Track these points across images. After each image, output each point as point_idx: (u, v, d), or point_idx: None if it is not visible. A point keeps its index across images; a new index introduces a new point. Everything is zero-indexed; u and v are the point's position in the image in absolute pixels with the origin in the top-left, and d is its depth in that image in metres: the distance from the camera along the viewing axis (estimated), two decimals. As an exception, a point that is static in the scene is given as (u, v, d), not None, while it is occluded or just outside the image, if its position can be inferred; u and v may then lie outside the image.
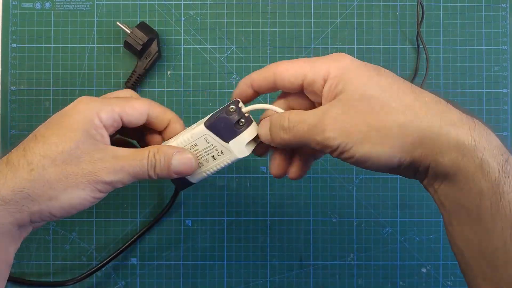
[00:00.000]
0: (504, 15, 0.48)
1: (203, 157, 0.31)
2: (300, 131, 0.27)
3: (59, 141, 0.27)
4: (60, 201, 0.27)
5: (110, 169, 0.27)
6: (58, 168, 0.27)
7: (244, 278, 0.47)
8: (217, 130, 0.29)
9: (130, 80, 0.45)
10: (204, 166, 0.31)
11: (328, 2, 0.47)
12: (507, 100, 0.47)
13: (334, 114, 0.26)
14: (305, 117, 0.27)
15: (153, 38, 0.44)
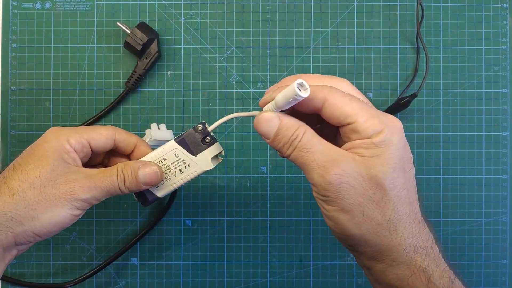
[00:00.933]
0: (504, 15, 0.48)
1: (171, 170, 0.33)
2: (303, 159, 0.27)
3: (35, 167, 0.29)
4: (41, 220, 0.29)
5: (85, 187, 0.30)
6: (37, 191, 0.29)
7: (244, 278, 0.47)
8: (185, 144, 0.33)
9: (130, 80, 0.45)
10: (172, 179, 0.33)
11: (328, 2, 0.47)
12: (507, 100, 0.47)
13: (345, 168, 0.26)
14: (317, 149, 0.27)
15: (153, 38, 0.44)
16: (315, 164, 0.26)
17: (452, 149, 0.47)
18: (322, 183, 0.26)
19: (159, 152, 0.33)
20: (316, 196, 0.28)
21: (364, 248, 0.27)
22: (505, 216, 0.47)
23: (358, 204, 0.26)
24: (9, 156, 0.46)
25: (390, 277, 0.27)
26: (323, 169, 0.26)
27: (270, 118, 0.28)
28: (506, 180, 0.47)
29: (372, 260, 0.28)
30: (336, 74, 0.47)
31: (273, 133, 0.28)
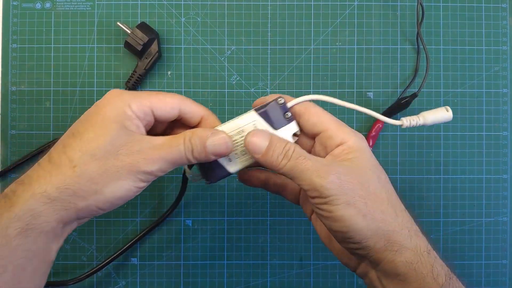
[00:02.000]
0: (504, 15, 0.48)
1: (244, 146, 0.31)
2: (301, 166, 0.28)
3: (96, 136, 0.27)
4: (105, 194, 0.27)
5: (148, 160, 0.27)
6: (99, 163, 0.27)
7: (244, 278, 0.47)
8: (267, 117, 0.30)
9: (130, 80, 0.45)
10: (247, 154, 0.31)
11: (328, 2, 0.47)
12: (507, 100, 0.47)
13: (339, 170, 0.28)
14: (310, 157, 0.28)
15: (153, 38, 0.44)
16: (313, 169, 0.28)
17: (452, 149, 0.47)
18: (324, 184, 0.27)
19: (236, 123, 0.30)
20: (317, 202, 0.28)
21: (373, 240, 0.27)
22: (505, 216, 0.47)
23: (360, 196, 0.27)
24: (9, 156, 0.46)
25: (399, 265, 0.27)
26: (321, 171, 0.27)
27: (261, 133, 0.29)
28: (506, 180, 0.47)
29: (381, 252, 0.28)
30: (336, 74, 0.47)
31: (264, 147, 0.28)
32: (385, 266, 0.28)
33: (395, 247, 0.28)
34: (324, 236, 0.33)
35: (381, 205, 0.28)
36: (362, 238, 0.27)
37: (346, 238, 0.28)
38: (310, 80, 0.47)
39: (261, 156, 0.28)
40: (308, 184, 0.27)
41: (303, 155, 0.28)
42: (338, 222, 0.27)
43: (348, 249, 0.30)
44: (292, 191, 0.34)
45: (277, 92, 0.47)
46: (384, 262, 0.28)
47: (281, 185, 0.34)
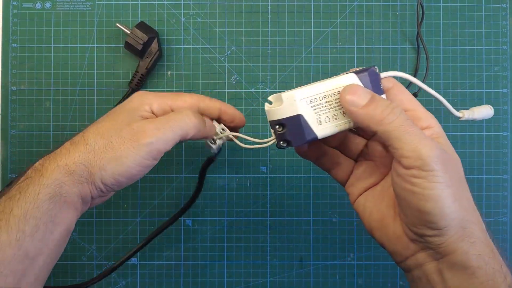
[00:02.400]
0: (504, 15, 0.48)
1: (337, 110, 0.28)
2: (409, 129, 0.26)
3: (109, 120, 0.31)
4: (107, 170, 0.29)
5: (147, 131, 0.29)
6: (104, 140, 0.29)
7: (244, 278, 0.47)
8: (366, 82, 0.28)
9: (133, 80, 0.45)
10: (339, 119, 0.28)
11: (328, 2, 0.47)
12: (507, 100, 0.47)
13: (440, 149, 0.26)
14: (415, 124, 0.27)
15: (153, 37, 0.44)
16: (421, 137, 0.25)
17: (452, 149, 0.47)
18: (431, 155, 0.25)
19: (332, 83, 0.28)
20: (414, 174, 0.25)
21: (455, 228, 0.26)
22: (505, 216, 0.47)
23: (455, 180, 0.26)
24: (9, 156, 0.46)
25: (472, 258, 0.26)
26: (428, 142, 0.25)
27: (362, 88, 0.27)
28: (507, 180, 0.47)
29: (457, 242, 0.26)
30: (336, 74, 0.47)
31: (366, 99, 0.26)
32: (457, 257, 0.26)
33: (472, 238, 0.26)
34: (374, 219, 0.30)
35: (466, 196, 0.27)
36: (447, 225, 0.25)
37: (428, 221, 0.26)
38: (310, 80, 0.47)
39: (362, 108, 0.26)
40: (412, 150, 0.25)
41: (411, 120, 0.26)
42: (430, 202, 0.25)
43: (418, 235, 0.27)
44: (344, 171, 0.32)
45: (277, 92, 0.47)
46: (456, 253, 0.26)
47: (335, 162, 0.32)
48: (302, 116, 0.28)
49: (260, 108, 0.47)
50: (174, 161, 0.47)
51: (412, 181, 0.25)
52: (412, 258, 0.28)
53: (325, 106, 0.28)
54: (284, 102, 0.28)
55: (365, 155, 0.32)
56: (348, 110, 0.27)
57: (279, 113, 0.28)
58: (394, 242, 0.28)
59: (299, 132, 0.28)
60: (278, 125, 0.28)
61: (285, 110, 0.28)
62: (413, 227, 0.27)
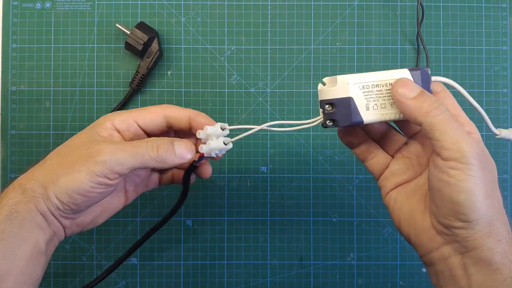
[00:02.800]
0: (504, 15, 0.48)
1: (386, 99, 0.30)
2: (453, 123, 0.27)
3: (71, 140, 0.31)
4: (60, 184, 0.28)
5: (104, 150, 0.29)
6: (61, 157, 0.30)
7: (244, 278, 0.47)
8: (417, 80, 0.29)
9: (134, 81, 0.45)
10: (387, 109, 0.30)
11: (328, 2, 0.47)
12: (507, 100, 0.47)
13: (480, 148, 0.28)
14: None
15: (153, 37, 0.44)
16: (463, 132, 0.27)
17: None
18: (470, 150, 0.26)
19: (387, 75, 0.30)
20: (452, 165, 0.27)
21: (483, 224, 0.27)
22: (505, 216, 0.47)
23: (488, 179, 0.27)
24: (9, 156, 0.46)
25: (496, 255, 0.27)
26: (468, 139, 0.27)
27: (414, 83, 0.29)
28: (507, 180, 0.47)
29: (484, 238, 0.27)
30: (336, 74, 0.47)
31: (417, 92, 0.28)
32: (482, 253, 0.27)
33: (499, 236, 0.27)
34: (404, 212, 0.31)
35: (498, 195, 0.28)
36: (476, 218, 0.26)
37: (458, 213, 0.27)
38: (310, 80, 0.47)
39: (412, 99, 0.28)
40: (453, 143, 0.26)
41: (453, 117, 0.28)
42: (462, 194, 0.26)
43: (446, 226, 0.28)
44: (380, 164, 0.33)
45: (277, 92, 0.47)
46: (482, 248, 0.27)
47: (374, 154, 0.34)
48: (353, 99, 0.29)
49: (260, 108, 0.47)
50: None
51: (449, 172, 0.27)
52: (437, 251, 0.29)
53: (375, 94, 0.30)
54: (338, 83, 0.29)
55: (403, 153, 0.33)
56: (398, 100, 0.28)
57: (332, 93, 0.30)
58: (421, 234, 0.29)
59: (347, 113, 0.29)
60: (328, 105, 0.30)
61: (338, 91, 0.29)
62: (443, 219, 0.28)
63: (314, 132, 0.47)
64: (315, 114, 0.32)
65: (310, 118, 0.32)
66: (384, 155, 0.33)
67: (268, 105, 0.47)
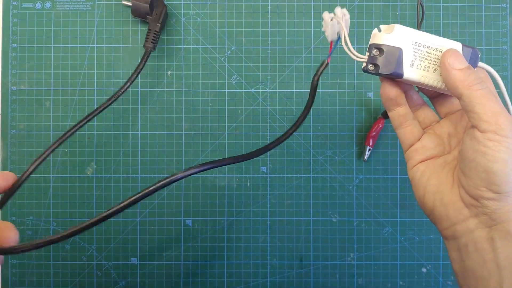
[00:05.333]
0: (504, 15, 0.48)
1: (431, 63, 0.30)
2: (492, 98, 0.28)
3: None
4: None
5: None
6: None
7: (244, 278, 0.47)
8: (467, 56, 0.30)
9: (147, 39, 0.44)
10: (429, 72, 0.30)
11: (328, 2, 0.47)
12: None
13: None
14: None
15: None
16: (501, 106, 0.28)
17: (452, 149, 0.47)
18: (509, 125, 0.27)
19: (441, 41, 0.30)
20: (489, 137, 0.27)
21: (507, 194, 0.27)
22: (505, 216, 0.47)
23: None
24: (9, 156, 0.46)
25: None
26: (505, 112, 0.28)
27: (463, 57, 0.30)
28: (506, 180, 0.47)
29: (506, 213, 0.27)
30: (336, 74, 0.47)
31: (465, 64, 0.29)
32: (510, 226, 0.27)
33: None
34: (432, 184, 0.32)
35: None
36: (508, 191, 0.27)
37: (491, 183, 0.27)
38: (310, 80, 0.47)
39: (459, 70, 0.28)
40: (492, 115, 0.27)
41: (493, 93, 0.28)
42: (498, 164, 0.27)
43: (476, 197, 0.28)
44: (413, 134, 0.34)
45: (277, 92, 0.47)
46: (511, 222, 0.27)
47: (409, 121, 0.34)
48: (402, 51, 0.30)
49: (260, 108, 0.47)
50: (174, 161, 0.47)
51: (486, 143, 0.27)
52: (463, 224, 0.29)
53: (424, 54, 0.30)
54: (394, 31, 0.30)
55: (435, 130, 0.34)
56: (446, 68, 0.29)
57: (384, 39, 0.30)
58: (448, 206, 0.30)
59: (391, 62, 0.30)
60: (376, 49, 0.30)
61: (391, 39, 0.30)
62: (474, 189, 0.28)
63: (314, 132, 0.47)
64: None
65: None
66: (418, 127, 0.34)
67: (268, 105, 0.47)
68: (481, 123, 0.27)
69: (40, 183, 0.46)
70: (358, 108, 0.47)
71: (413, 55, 0.30)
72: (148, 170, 0.46)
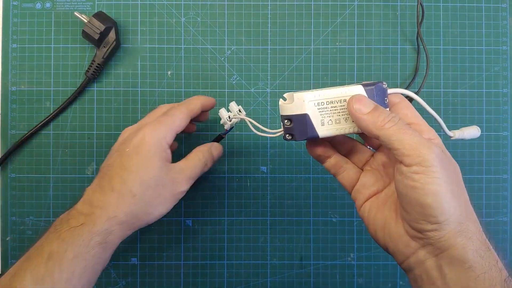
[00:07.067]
0: (504, 15, 0.48)
1: (340, 115, 0.31)
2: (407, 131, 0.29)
3: (146, 170, 0.34)
4: (155, 214, 0.35)
5: (183, 182, 0.36)
6: (152, 191, 0.34)
7: (244, 278, 0.47)
8: (371, 95, 0.31)
9: (89, 69, 0.45)
10: (341, 124, 0.31)
11: (328, 2, 0.47)
12: (507, 100, 0.47)
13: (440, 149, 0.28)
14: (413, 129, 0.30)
15: (110, 27, 0.44)
16: (419, 138, 0.28)
17: (453, 149, 0.47)
18: (429, 153, 0.27)
19: (340, 91, 0.31)
20: (414, 170, 0.27)
21: (453, 223, 0.27)
22: (505, 216, 0.47)
23: (453, 178, 0.28)
24: (9, 156, 0.46)
25: (469, 252, 0.27)
26: (426, 143, 0.28)
27: (368, 99, 0.30)
28: (507, 180, 0.47)
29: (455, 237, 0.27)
30: (336, 74, 0.47)
31: (371, 107, 0.30)
32: (454, 252, 0.27)
33: (469, 234, 0.28)
34: (378, 222, 0.32)
35: (464, 195, 0.29)
36: (446, 219, 0.27)
37: (428, 216, 0.27)
38: (310, 80, 0.47)
39: (367, 114, 0.29)
40: (412, 149, 0.27)
41: (407, 125, 0.29)
42: (429, 196, 0.27)
43: (418, 230, 0.28)
44: (351, 177, 0.35)
45: (277, 92, 0.47)
46: (454, 247, 0.27)
47: (343, 168, 0.35)
48: (308, 116, 0.31)
49: (260, 108, 0.47)
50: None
51: (413, 177, 0.27)
52: (413, 256, 0.29)
53: (330, 110, 0.31)
54: (294, 101, 0.31)
55: (371, 165, 0.34)
56: (354, 116, 0.30)
57: (289, 109, 0.31)
58: (396, 241, 0.30)
59: (303, 129, 0.31)
60: (287, 120, 0.32)
61: (295, 108, 0.31)
62: (414, 223, 0.28)
63: (314, 132, 0.47)
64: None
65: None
66: (354, 168, 0.35)
67: (268, 105, 0.47)
68: (404, 158, 0.28)
69: (40, 183, 0.46)
70: (358, 108, 0.47)
71: (320, 114, 0.31)
72: (148, 170, 0.46)
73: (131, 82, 0.47)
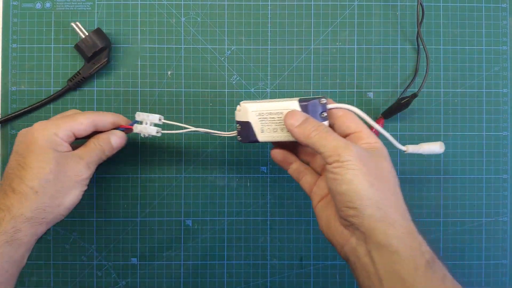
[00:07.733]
0: (504, 15, 0.48)
1: (278, 125, 0.36)
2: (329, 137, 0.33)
3: (42, 166, 0.34)
4: (65, 204, 0.36)
5: (84, 169, 0.37)
6: (54, 183, 0.35)
7: (244, 278, 0.47)
8: (306, 110, 0.35)
9: (73, 79, 0.45)
10: (278, 133, 0.36)
11: (328, 2, 0.47)
12: (507, 100, 0.47)
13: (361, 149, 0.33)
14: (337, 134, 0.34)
15: (104, 48, 0.45)
16: (339, 139, 0.32)
17: (453, 149, 0.47)
18: (346, 150, 0.31)
19: (278, 105, 0.36)
20: (335, 165, 0.31)
21: (372, 209, 0.30)
22: (505, 216, 0.47)
23: (373, 172, 0.31)
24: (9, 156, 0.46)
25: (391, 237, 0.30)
26: (345, 143, 0.32)
27: (301, 112, 0.35)
28: (506, 180, 0.47)
29: (376, 222, 0.31)
30: (336, 74, 0.47)
31: (302, 120, 0.34)
32: (378, 237, 0.30)
33: (390, 220, 0.31)
34: (324, 220, 0.36)
35: (388, 188, 0.32)
36: (362, 204, 0.30)
37: (346, 201, 0.31)
38: (310, 80, 0.47)
39: (297, 126, 0.34)
40: (331, 150, 0.32)
41: (331, 131, 0.33)
42: (345, 185, 0.31)
43: (344, 218, 0.32)
44: (309, 182, 0.39)
45: (278, 92, 0.47)
46: (377, 232, 0.30)
47: (303, 173, 0.39)
48: (250, 123, 0.37)
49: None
50: (174, 161, 0.47)
51: (333, 171, 0.31)
52: (347, 244, 0.33)
53: (269, 120, 0.36)
54: (242, 110, 0.37)
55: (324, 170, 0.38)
56: (288, 129, 0.34)
57: (238, 116, 0.38)
58: (335, 233, 0.34)
59: (247, 133, 0.37)
60: (238, 124, 0.38)
61: (242, 116, 0.37)
62: (340, 212, 0.32)
63: (314, 132, 0.47)
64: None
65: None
66: (312, 174, 0.39)
67: (268, 105, 0.47)
68: (328, 158, 0.32)
69: (40, 183, 0.46)
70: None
71: (261, 123, 0.37)
72: (148, 170, 0.46)
73: (131, 82, 0.47)
